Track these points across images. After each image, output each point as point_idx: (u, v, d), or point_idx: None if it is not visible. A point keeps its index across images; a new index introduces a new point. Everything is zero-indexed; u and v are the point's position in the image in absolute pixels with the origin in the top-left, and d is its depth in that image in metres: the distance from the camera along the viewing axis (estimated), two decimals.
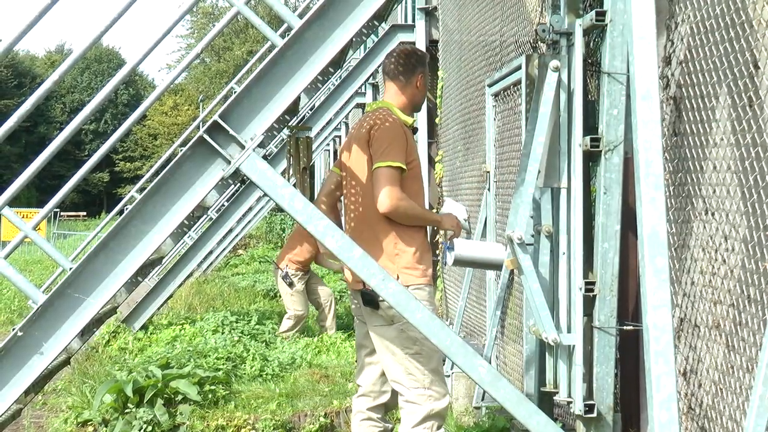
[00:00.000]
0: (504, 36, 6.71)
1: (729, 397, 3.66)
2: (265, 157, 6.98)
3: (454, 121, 8.83)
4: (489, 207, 6.59)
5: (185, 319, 11.41)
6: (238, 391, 7.88)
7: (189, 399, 7.22)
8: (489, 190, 6.61)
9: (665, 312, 3.59)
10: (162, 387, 7.22)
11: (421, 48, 10.03)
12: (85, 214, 58.54)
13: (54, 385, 8.66)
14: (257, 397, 7.70)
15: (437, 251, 9.87)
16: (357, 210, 4.61)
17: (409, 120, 4.67)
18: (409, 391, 4.49)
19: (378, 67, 10.74)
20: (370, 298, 4.48)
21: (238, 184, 10.71)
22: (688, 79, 3.91)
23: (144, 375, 7.37)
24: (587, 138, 4.22)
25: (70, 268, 4.07)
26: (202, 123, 12.36)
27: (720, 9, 3.61)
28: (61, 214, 47.12)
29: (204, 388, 7.45)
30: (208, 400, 7.38)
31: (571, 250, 4.40)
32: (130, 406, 7.07)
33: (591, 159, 4.32)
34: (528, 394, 4.88)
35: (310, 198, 4.70)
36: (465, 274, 7.52)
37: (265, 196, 12.89)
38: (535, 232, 4.63)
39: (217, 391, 7.57)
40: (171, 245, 8.65)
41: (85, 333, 4.78)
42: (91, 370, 8.69)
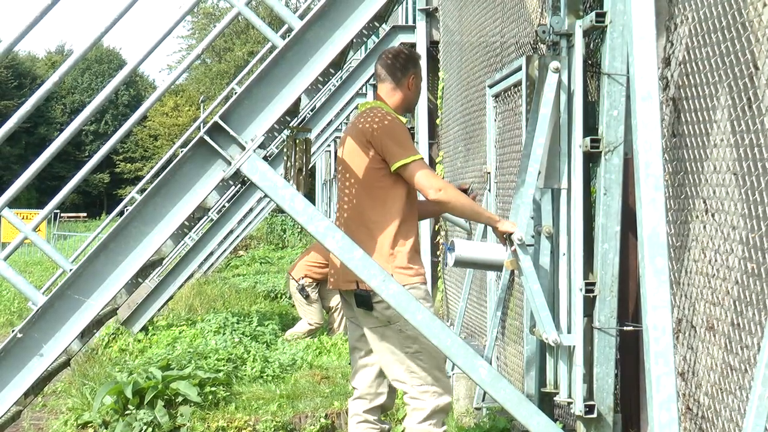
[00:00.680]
0: (504, 37, 6.72)
1: (727, 398, 3.66)
2: (265, 158, 6.99)
3: (455, 121, 8.83)
4: (489, 208, 6.59)
5: (186, 320, 11.41)
6: (238, 393, 7.87)
7: (189, 400, 7.22)
8: (489, 190, 6.61)
9: (665, 313, 3.59)
10: (162, 388, 7.21)
11: (420, 49, 10.05)
12: (85, 215, 58.52)
13: (54, 387, 8.66)
14: (258, 399, 7.70)
15: (438, 252, 9.89)
16: (351, 209, 4.57)
17: (403, 120, 4.65)
18: (412, 389, 4.48)
19: None
20: (364, 299, 4.44)
21: (239, 186, 10.71)
22: (687, 80, 3.91)
23: (144, 376, 7.36)
24: (587, 139, 4.22)
25: (70, 270, 4.07)
26: (203, 124, 12.37)
27: (719, 10, 3.61)
28: (62, 215, 47.13)
29: (204, 390, 7.44)
30: (208, 401, 7.38)
31: (571, 250, 4.40)
32: (131, 407, 7.07)
33: (591, 160, 4.32)
34: (529, 394, 4.89)
35: (311, 199, 4.70)
36: (466, 275, 7.52)
37: (265, 197, 12.94)
38: (535, 233, 4.64)
39: (218, 393, 7.56)
40: (171, 246, 8.64)
41: (85, 334, 4.78)
42: (91, 371, 8.68)
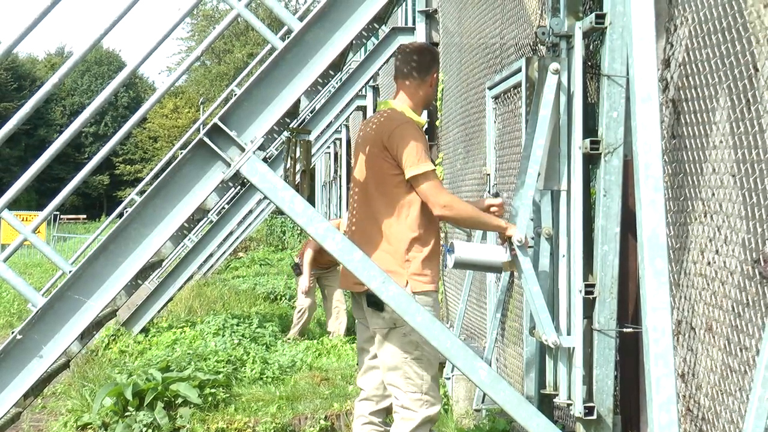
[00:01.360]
0: (504, 39, 6.72)
1: (726, 399, 3.66)
2: (264, 159, 6.99)
3: (455, 123, 8.83)
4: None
5: (185, 322, 11.42)
6: (238, 394, 7.88)
7: (189, 402, 7.23)
8: (489, 192, 6.60)
9: (665, 314, 3.59)
10: (162, 390, 7.22)
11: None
12: (85, 217, 58.54)
13: (53, 389, 8.66)
14: (257, 400, 7.71)
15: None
16: (366, 211, 4.54)
17: (421, 121, 4.62)
18: (405, 395, 4.46)
19: (378, 69, 10.74)
20: (376, 300, 4.44)
21: (239, 187, 10.73)
22: (687, 81, 3.91)
23: (144, 378, 7.37)
24: (587, 140, 4.22)
25: (69, 271, 4.07)
26: (202, 126, 12.38)
27: (719, 11, 3.61)
28: (61, 217, 47.15)
29: (204, 391, 7.45)
30: (208, 403, 7.39)
31: (571, 252, 4.40)
32: (130, 409, 7.08)
33: (591, 161, 4.32)
34: (528, 396, 4.89)
35: (310, 201, 4.69)
36: (465, 277, 7.51)
37: (265, 198, 12.93)
38: (535, 235, 4.64)
39: (218, 394, 7.57)
40: (171, 248, 8.64)
41: (85, 336, 4.78)
42: (91, 373, 8.69)
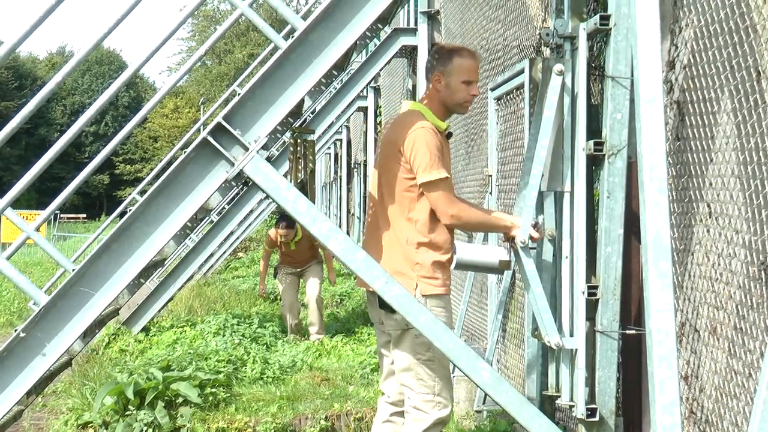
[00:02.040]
0: (507, 40, 6.72)
1: (730, 402, 3.66)
2: (267, 159, 6.99)
3: (456, 125, 8.83)
4: None
5: (186, 321, 11.41)
6: (238, 394, 7.87)
7: (190, 401, 7.22)
8: (491, 193, 6.61)
9: (668, 316, 3.59)
10: (163, 389, 7.22)
11: (421, 52, 10.06)
12: (85, 216, 58.54)
13: (54, 387, 8.64)
14: (258, 400, 7.70)
15: None
16: (381, 211, 4.50)
17: (442, 125, 4.49)
18: (417, 396, 4.44)
19: (380, 70, 10.77)
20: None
21: (241, 187, 10.73)
22: (691, 83, 3.92)
23: (145, 377, 7.37)
24: (591, 142, 4.22)
25: (73, 270, 4.07)
26: (203, 126, 12.38)
27: (724, 13, 3.61)
28: (61, 216, 47.11)
29: (205, 391, 7.44)
30: (208, 402, 7.38)
31: (574, 253, 4.40)
32: (131, 408, 7.07)
33: (594, 163, 4.32)
34: (529, 397, 4.89)
35: (313, 200, 4.68)
36: (466, 278, 7.52)
37: (266, 198, 12.94)
38: (540, 235, 4.63)
39: (218, 394, 7.57)
40: (174, 247, 8.65)
41: (87, 334, 4.78)
42: (91, 372, 8.69)
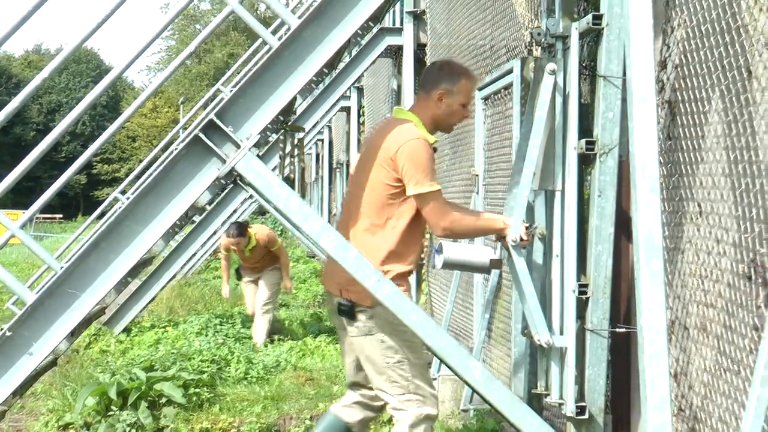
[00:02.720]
0: (494, 40, 6.74)
1: (719, 399, 3.69)
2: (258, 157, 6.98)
3: None
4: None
5: (168, 321, 11.37)
6: (222, 394, 7.85)
7: (173, 402, 7.18)
8: (477, 193, 6.62)
9: (660, 314, 3.61)
10: (146, 390, 7.18)
11: (407, 52, 10.08)
12: (61, 216, 58.16)
13: (33, 389, 8.58)
14: (242, 400, 7.68)
15: (422, 254, 9.89)
16: (355, 215, 4.44)
17: (431, 138, 4.40)
18: (393, 398, 4.42)
19: (364, 71, 10.76)
20: (347, 310, 4.38)
21: (222, 189, 10.72)
22: (683, 83, 3.94)
23: (128, 377, 7.33)
24: (582, 141, 4.24)
25: (61, 267, 4.05)
26: (182, 129, 12.35)
27: (716, 14, 3.64)
28: (37, 216, 46.84)
29: (188, 391, 7.41)
30: (192, 402, 7.35)
31: (564, 252, 4.42)
32: (114, 408, 7.03)
33: (586, 162, 4.34)
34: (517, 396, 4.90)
35: (303, 198, 4.65)
36: (453, 278, 7.52)
37: (249, 198, 12.91)
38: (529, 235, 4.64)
39: (202, 394, 7.54)
40: (162, 246, 8.62)
41: (75, 333, 4.74)
42: (72, 372, 8.64)
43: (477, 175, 6.64)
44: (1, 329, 4.05)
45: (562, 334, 4.44)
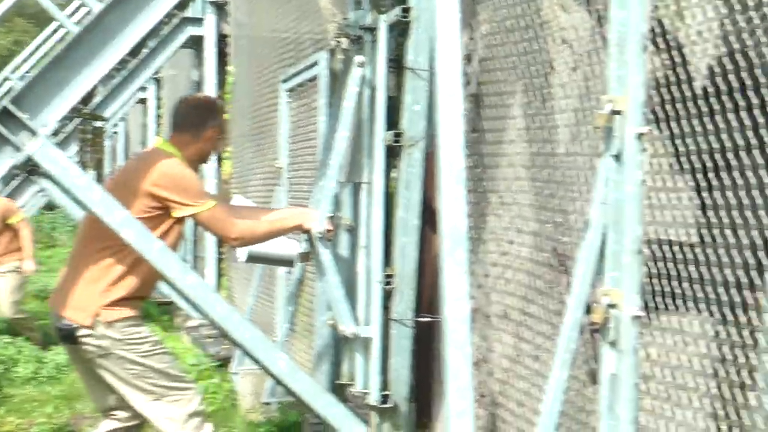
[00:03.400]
0: (299, 32, 6.73)
1: (518, 383, 3.82)
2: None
3: (245, 116, 8.78)
4: (280, 204, 6.58)
5: None
6: (10, 395, 7.53)
7: None
8: (282, 186, 6.60)
9: (463, 304, 3.68)
10: None
11: (209, 42, 9.95)
12: None
13: None
14: (32, 401, 7.41)
15: (222, 248, 9.80)
16: (94, 234, 4.29)
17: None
18: (147, 406, 4.32)
19: (165, 61, 10.52)
20: (67, 334, 4.27)
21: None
22: (487, 77, 4.05)
23: None
24: (390, 133, 4.29)
25: None
26: None
27: (519, 9, 3.76)
28: None
29: None
30: None
31: (370, 243, 4.46)
32: None
33: (393, 154, 4.39)
34: None
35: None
36: (254, 271, 7.48)
37: (41, 191, 12.38)
38: (334, 226, 4.67)
39: None
40: None
41: None
42: None
43: (281, 168, 6.62)
44: None
45: (367, 324, 4.48)
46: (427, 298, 4.78)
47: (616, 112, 2.64)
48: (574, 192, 3.30)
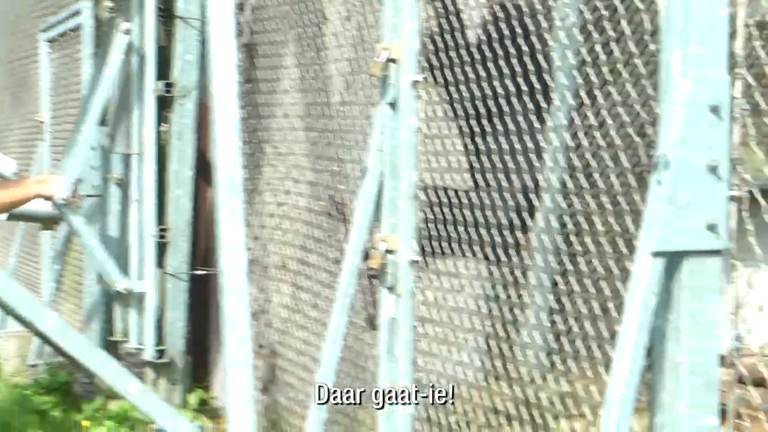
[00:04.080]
0: None
1: (297, 332, 3.85)
2: None
3: None
4: (42, 159, 6.31)
5: None
6: None
7: None
8: (43, 141, 6.32)
9: (239, 253, 3.67)
10: None
11: None
12: None
13: None
14: None
15: None
16: None
17: None
18: None
19: None
20: None
21: None
22: (260, 26, 4.01)
23: None
24: (161, 83, 4.19)
25: None
26: None
27: None
28: None
29: None
30: None
31: (143, 197, 4.36)
32: None
33: (164, 105, 4.30)
34: None
35: None
36: (16, 229, 7.15)
37: None
38: (103, 181, 4.53)
39: None
40: None
41: None
42: None
43: (43, 121, 6.33)
44: None
45: (141, 279, 4.39)
46: (202, 251, 4.73)
47: (392, 60, 2.67)
48: (350, 141, 3.34)
